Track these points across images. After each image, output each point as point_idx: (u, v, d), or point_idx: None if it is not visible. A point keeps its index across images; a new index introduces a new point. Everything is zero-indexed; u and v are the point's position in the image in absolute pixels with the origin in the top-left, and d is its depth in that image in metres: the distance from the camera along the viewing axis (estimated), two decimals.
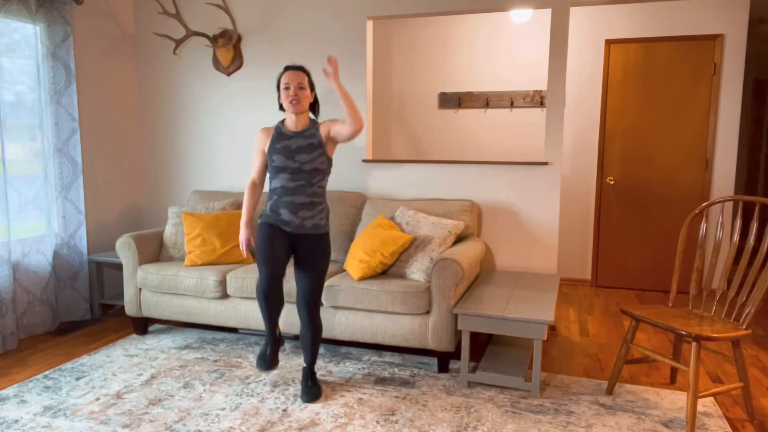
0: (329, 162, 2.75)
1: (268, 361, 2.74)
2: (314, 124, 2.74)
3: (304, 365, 2.85)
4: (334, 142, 2.75)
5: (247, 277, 3.34)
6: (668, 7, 4.68)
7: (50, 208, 3.77)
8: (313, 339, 2.78)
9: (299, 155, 2.66)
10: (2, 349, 3.40)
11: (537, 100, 5.10)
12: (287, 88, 2.65)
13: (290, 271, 3.37)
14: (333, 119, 2.74)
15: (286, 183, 2.67)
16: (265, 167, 2.84)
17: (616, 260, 5.03)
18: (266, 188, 4.28)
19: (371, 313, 3.15)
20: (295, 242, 2.71)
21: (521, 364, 3.04)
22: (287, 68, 2.68)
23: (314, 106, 2.80)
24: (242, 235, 2.79)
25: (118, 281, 4.39)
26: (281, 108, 2.75)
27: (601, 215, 5.04)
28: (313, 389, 2.77)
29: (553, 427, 2.49)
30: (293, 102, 2.64)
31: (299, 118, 2.70)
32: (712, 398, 2.78)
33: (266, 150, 2.76)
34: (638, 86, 4.82)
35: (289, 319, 3.31)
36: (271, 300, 2.64)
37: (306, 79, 2.68)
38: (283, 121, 2.75)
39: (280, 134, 2.71)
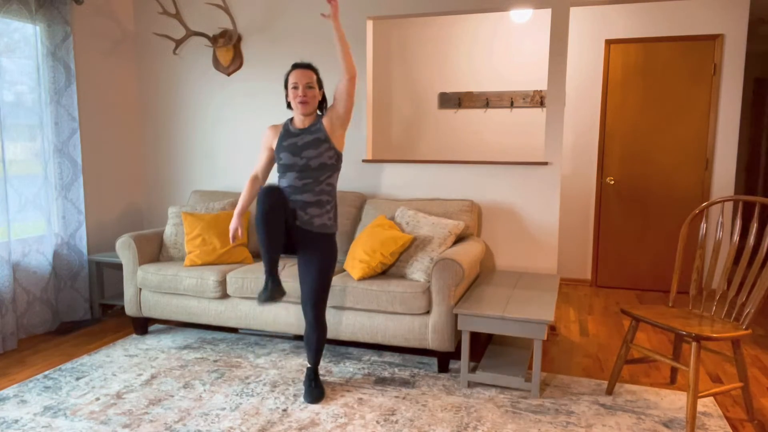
0: (338, 157, 2.72)
1: (270, 292, 2.53)
2: (319, 119, 2.73)
3: (308, 365, 2.84)
4: (341, 125, 2.71)
5: (247, 277, 3.34)
6: (668, 7, 4.68)
7: (50, 208, 3.77)
8: (318, 339, 2.77)
9: (306, 151, 2.65)
10: (2, 349, 3.40)
11: (537, 100, 5.10)
12: (296, 88, 2.64)
13: (293, 270, 3.37)
14: (336, 97, 2.70)
15: (293, 182, 2.66)
16: (269, 163, 2.85)
17: (616, 260, 5.03)
18: None
19: (371, 313, 3.15)
20: (300, 237, 2.69)
21: (521, 364, 3.04)
22: (295, 66, 2.67)
23: (322, 104, 2.79)
24: (233, 223, 2.75)
25: (118, 281, 4.39)
26: (289, 106, 2.74)
27: (601, 215, 5.04)
28: (316, 390, 2.76)
29: (553, 427, 2.49)
30: (302, 103, 2.63)
31: (308, 117, 2.70)
32: (712, 398, 2.78)
33: (274, 147, 2.77)
34: (638, 86, 4.82)
35: (290, 319, 3.31)
36: (272, 225, 2.46)
37: (314, 77, 2.66)
38: (291, 119, 2.76)
39: (287, 132, 2.72)
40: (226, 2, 4.12)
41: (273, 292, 2.54)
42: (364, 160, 4.01)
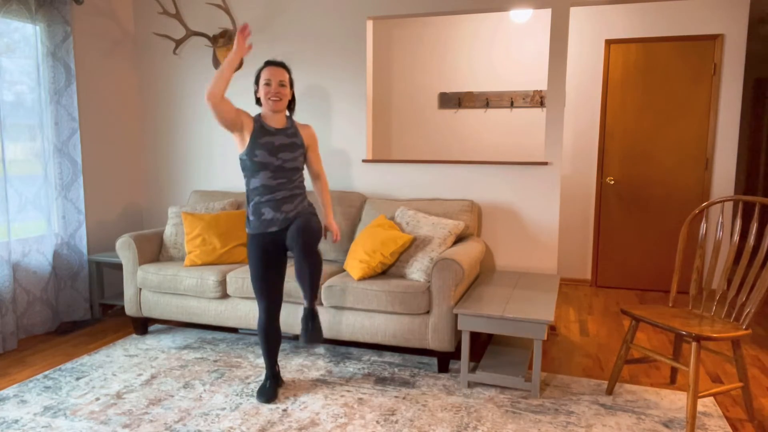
0: (305, 161, 2.85)
1: (269, 394, 2.76)
2: (293, 123, 2.74)
3: (305, 306, 2.58)
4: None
5: (247, 277, 3.34)
6: (668, 7, 4.68)
7: (50, 208, 3.76)
8: (311, 273, 2.51)
9: (282, 153, 2.63)
10: (2, 349, 3.40)
11: (537, 100, 5.09)
12: (268, 84, 2.61)
13: (289, 271, 3.37)
14: (314, 147, 2.84)
15: (266, 181, 2.62)
16: (233, 109, 2.55)
17: (616, 260, 5.03)
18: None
19: (371, 313, 3.15)
20: (283, 238, 2.70)
21: (521, 364, 3.04)
22: (268, 63, 2.64)
23: (291, 104, 2.80)
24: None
25: (118, 281, 4.39)
26: (258, 102, 2.72)
27: (601, 215, 5.04)
28: (314, 332, 2.55)
29: (553, 427, 2.49)
30: (274, 99, 2.61)
31: (277, 115, 2.67)
32: (712, 398, 2.78)
33: (244, 132, 2.60)
34: (638, 86, 4.82)
35: (289, 320, 3.31)
36: (271, 336, 2.78)
37: (287, 76, 2.65)
38: (260, 115, 2.68)
39: (263, 129, 2.63)
40: (226, 2, 4.12)
41: (273, 391, 2.78)
42: (364, 160, 4.01)
